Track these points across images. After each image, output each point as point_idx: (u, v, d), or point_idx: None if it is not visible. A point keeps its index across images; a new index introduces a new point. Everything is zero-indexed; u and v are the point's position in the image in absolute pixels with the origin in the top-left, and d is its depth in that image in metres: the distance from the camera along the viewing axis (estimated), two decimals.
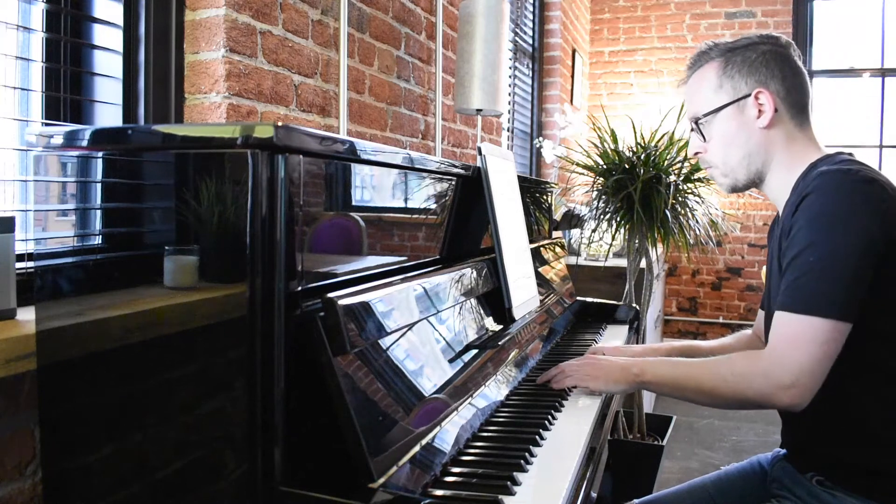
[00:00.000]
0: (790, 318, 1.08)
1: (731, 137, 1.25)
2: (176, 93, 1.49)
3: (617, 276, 3.07)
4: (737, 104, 1.23)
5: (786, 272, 1.11)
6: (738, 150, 1.25)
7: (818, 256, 1.06)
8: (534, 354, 1.54)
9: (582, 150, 2.58)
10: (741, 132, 1.24)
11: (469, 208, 1.45)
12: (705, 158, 1.31)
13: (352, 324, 0.86)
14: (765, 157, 1.24)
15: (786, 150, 1.23)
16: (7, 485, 1.00)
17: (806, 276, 1.07)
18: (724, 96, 1.25)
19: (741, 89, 1.23)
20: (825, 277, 1.06)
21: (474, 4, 2.32)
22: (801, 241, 1.09)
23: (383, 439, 0.84)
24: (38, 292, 0.95)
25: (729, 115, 1.24)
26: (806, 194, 1.11)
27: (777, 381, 1.07)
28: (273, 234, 0.78)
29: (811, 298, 1.06)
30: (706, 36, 5.09)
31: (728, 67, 1.24)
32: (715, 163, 1.29)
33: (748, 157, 1.25)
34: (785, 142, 1.23)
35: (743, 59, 1.23)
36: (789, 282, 1.09)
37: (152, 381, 0.86)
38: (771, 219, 5.21)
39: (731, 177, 1.28)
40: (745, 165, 1.25)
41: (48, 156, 0.96)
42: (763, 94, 1.21)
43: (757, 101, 1.22)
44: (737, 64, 1.24)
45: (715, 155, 1.28)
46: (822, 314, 1.05)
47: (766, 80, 1.22)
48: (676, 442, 3.35)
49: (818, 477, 1.18)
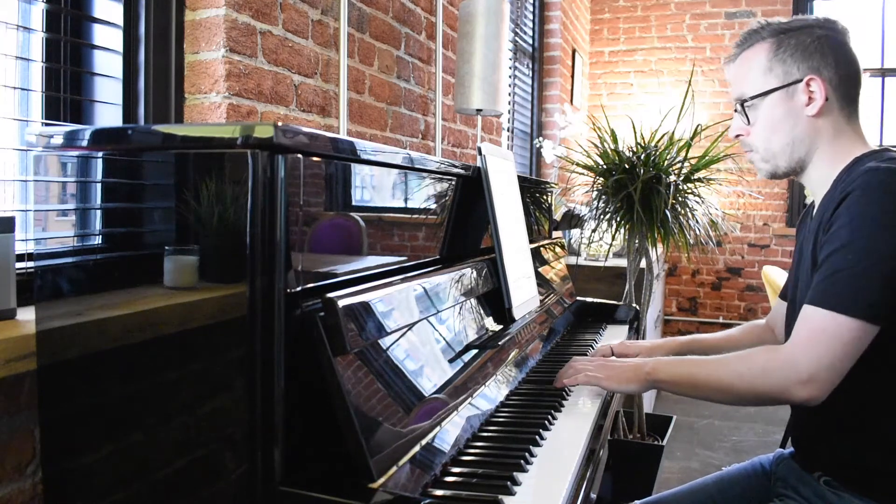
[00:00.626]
0: (818, 313, 1.06)
1: (777, 123, 1.21)
2: (176, 93, 1.49)
3: (617, 276, 3.07)
4: (786, 89, 1.19)
5: (821, 267, 1.09)
6: (783, 137, 1.21)
7: (856, 256, 1.04)
8: (534, 354, 1.54)
9: (582, 150, 2.58)
10: (788, 118, 1.20)
11: (469, 208, 1.45)
12: (746, 141, 1.27)
13: (352, 324, 0.86)
14: (809, 147, 1.21)
15: (831, 141, 1.20)
16: (7, 485, 1.00)
17: (841, 273, 1.05)
18: (773, 80, 1.20)
19: (792, 74, 1.19)
20: (860, 277, 1.04)
21: (474, 4, 2.32)
22: (841, 238, 1.06)
23: (383, 439, 0.84)
24: (38, 292, 0.95)
25: (777, 100, 1.20)
26: (850, 191, 1.08)
27: (795, 374, 1.06)
28: (273, 234, 0.78)
29: (843, 296, 1.04)
30: (706, 36, 5.09)
31: (780, 50, 1.20)
32: (756, 147, 1.25)
33: (792, 145, 1.21)
34: (831, 133, 1.19)
35: (797, 42, 1.19)
36: (823, 277, 1.07)
37: (152, 381, 0.86)
38: (771, 219, 5.16)
39: (771, 163, 1.25)
40: (787, 153, 1.22)
41: (48, 156, 0.96)
42: (815, 82, 1.17)
43: (808, 88, 1.18)
44: (790, 47, 1.19)
45: (757, 139, 1.24)
46: (852, 313, 1.03)
47: (819, 67, 1.17)
48: (676, 442, 3.35)
49: (826, 477, 1.17)
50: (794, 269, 1.29)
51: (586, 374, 1.28)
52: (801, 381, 1.05)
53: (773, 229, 5.01)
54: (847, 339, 1.04)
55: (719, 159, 2.47)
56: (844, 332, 1.04)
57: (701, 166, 2.43)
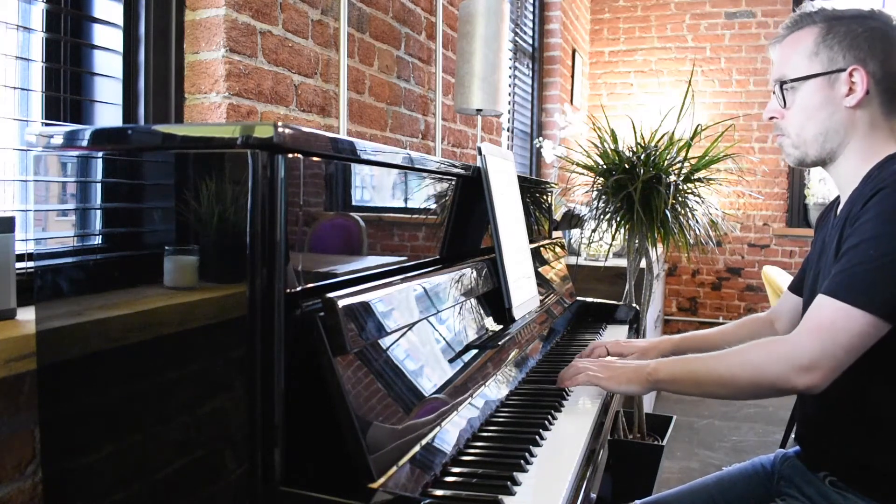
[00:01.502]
0: (831, 303, 1.05)
1: (814, 110, 1.19)
2: (176, 93, 1.49)
3: (617, 276, 3.07)
4: (828, 77, 1.17)
5: (841, 259, 1.08)
6: (817, 125, 1.19)
7: (878, 251, 1.03)
8: (534, 354, 1.54)
9: (582, 150, 2.58)
10: (825, 107, 1.18)
11: (469, 208, 1.45)
12: (780, 125, 1.25)
13: (352, 324, 0.86)
14: (842, 138, 1.19)
15: (866, 136, 1.17)
16: (7, 485, 1.00)
17: (861, 266, 1.04)
18: (817, 65, 1.18)
19: (837, 62, 1.16)
20: (880, 273, 1.03)
21: (474, 4, 2.32)
22: (866, 233, 1.05)
23: (383, 439, 0.84)
24: (38, 292, 0.95)
25: (817, 86, 1.18)
26: (882, 188, 1.07)
27: (797, 361, 1.05)
28: (273, 234, 0.78)
29: (859, 290, 1.03)
30: (706, 36, 5.09)
31: (829, 36, 1.17)
32: (789, 131, 1.23)
33: (825, 134, 1.19)
34: (867, 127, 1.17)
35: (847, 30, 1.16)
36: (841, 268, 1.06)
37: (152, 381, 0.86)
38: (771, 219, 5.16)
39: (801, 149, 1.23)
40: (819, 142, 1.20)
41: (48, 156, 0.96)
42: (858, 72, 1.15)
43: (850, 79, 1.15)
44: (839, 34, 1.17)
45: (791, 123, 1.22)
46: (865, 308, 1.02)
47: (865, 58, 1.15)
48: (676, 442, 3.35)
49: (831, 477, 1.17)
50: (813, 262, 1.28)
51: (587, 374, 1.27)
52: (803, 367, 1.04)
53: (773, 229, 5.01)
54: (855, 333, 1.03)
55: (719, 159, 2.47)
56: (854, 326, 1.03)
57: (701, 166, 2.43)
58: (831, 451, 1.19)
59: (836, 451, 1.18)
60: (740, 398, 1.18)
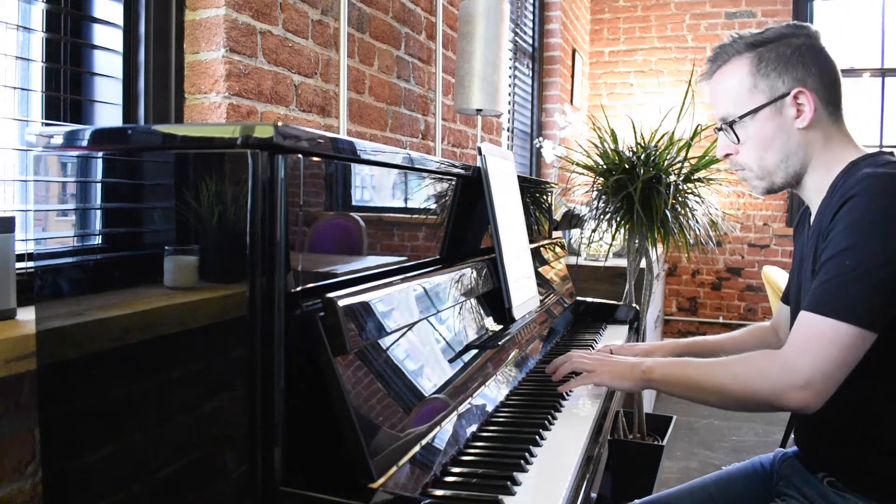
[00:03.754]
0: (815, 319, 1.05)
1: (769, 140, 1.19)
2: (176, 93, 1.49)
3: (617, 276, 3.07)
4: (774, 105, 1.17)
5: (819, 273, 1.08)
6: (776, 153, 1.19)
7: (854, 261, 1.03)
8: (534, 354, 1.54)
9: (582, 150, 2.58)
10: (780, 134, 1.18)
11: (469, 208, 1.45)
12: (737, 161, 1.25)
13: (352, 324, 0.86)
14: (803, 158, 1.19)
15: (824, 149, 1.18)
16: (7, 485, 1.00)
17: (838, 279, 1.04)
18: (760, 97, 1.18)
19: (778, 88, 1.17)
20: (858, 283, 1.02)
21: (474, 4, 2.32)
22: (839, 244, 1.05)
23: (383, 439, 0.84)
24: (38, 292, 0.95)
25: (766, 117, 1.18)
26: (849, 197, 1.07)
27: (790, 380, 1.05)
28: (273, 234, 0.78)
29: (840, 303, 1.03)
30: (706, 36, 5.09)
31: (762, 65, 1.18)
32: (749, 165, 1.23)
33: (786, 160, 1.19)
34: (823, 141, 1.18)
35: (777, 54, 1.17)
36: (820, 283, 1.06)
37: (152, 381, 0.86)
38: (771, 219, 5.15)
39: (767, 180, 1.23)
40: (783, 168, 1.20)
41: (48, 156, 0.96)
42: (803, 94, 1.15)
43: (796, 101, 1.16)
44: (771, 60, 1.17)
45: (749, 157, 1.22)
46: (849, 320, 1.02)
47: (803, 78, 1.16)
48: (676, 442, 3.35)
49: (829, 478, 1.17)
50: (795, 272, 1.29)
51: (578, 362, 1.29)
52: (798, 387, 1.04)
53: (773, 229, 5.01)
54: (844, 346, 1.03)
55: (719, 159, 2.46)
56: (841, 339, 1.03)
57: (701, 166, 2.43)
58: (830, 452, 1.19)
59: (834, 452, 1.18)
60: (732, 409, 1.18)
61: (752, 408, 1.13)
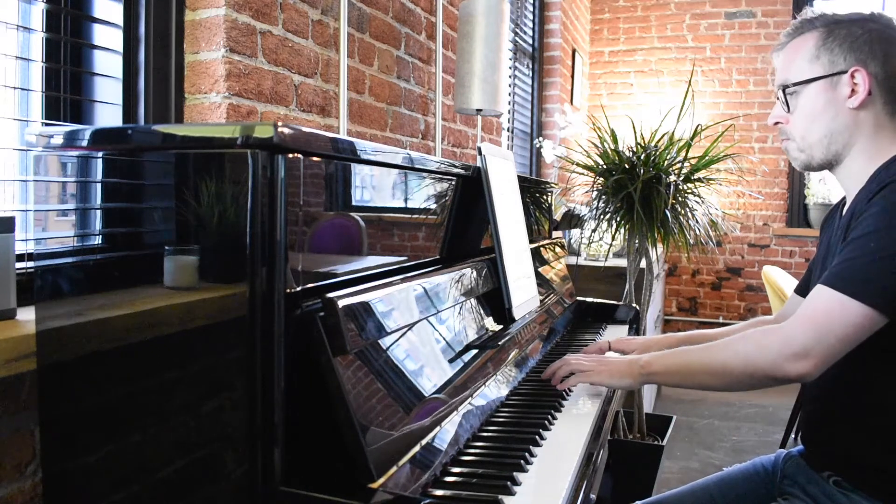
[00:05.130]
0: (828, 293, 1.05)
1: (817, 113, 1.19)
2: (176, 93, 1.49)
3: (617, 276, 3.07)
4: (830, 79, 1.18)
5: (843, 250, 1.08)
6: (821, 128, 1.20)
7: (878, 244, 1.03)
8: (534, 354, 1.54)
9: (582, 150, 2.58)
10: (829, 109, 1.18)
11: (469, 208, 1.45)
12: (785, 129, 1.25)
13: (352, 324, 0.86)
14: (847, 140, 1.19)
15: (871, 136, 1.18)
16: (7, 485, 1.00)
17: (860, 259, 1.04)
18: (818, 68, 1.19)
19: (838, 64, 1.17)
20: (878, 265, 1.03)
21: (474, 4, 2.32)
22: (868, 226, 1.06)
23: (383, 439, 0.84)
24: (38, 292, 0.95)
25: (819, 89, 1.19)
26: (887, 183, 1.07)
27: (789, 348, 1.05)
28: (273, 234, 0.78)
29: (855, 281, 1.03)
30: (706, 36, 5.09)
31: (829, 39, 1.18)
32: (794, 135, 1.24)
33: (829, 136, 1.20)
34: (872, 128, 1.18)
35: (847, 33, 1.17)
36: (841, 260, 1.07)
37: (152, 381, 0.86)
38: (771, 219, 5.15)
39: (807, 153, 1.23)
40: (825, 144, 1.20)
41: (48, 156, 0.96)
42: (860, 73, 1.15)
43: (852, 80, 1.16)
44: (839, 37, 1.17)
45: (796, 127, 1.23)
46: (861, 299, 1.02)
47: (866, 60, 1.16)
48: (676, 442, 3.35)
49: (835, 477, 1.17)
50: (819, 263, 1.28)
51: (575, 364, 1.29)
52: (795, 355, 1.05)
53: (773, 229, 5.00)
54: (850, 323, 1.03)
55: (719, 159, 2.47)
56: (849, 317, 1.03)
57: (701, 166, 2.43)
58: (835, 451, 1.19)
59: (839, 451, 1.18)
60: (734, 389, 1.18)
61: (754, 383, 1.12)
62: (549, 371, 1.34)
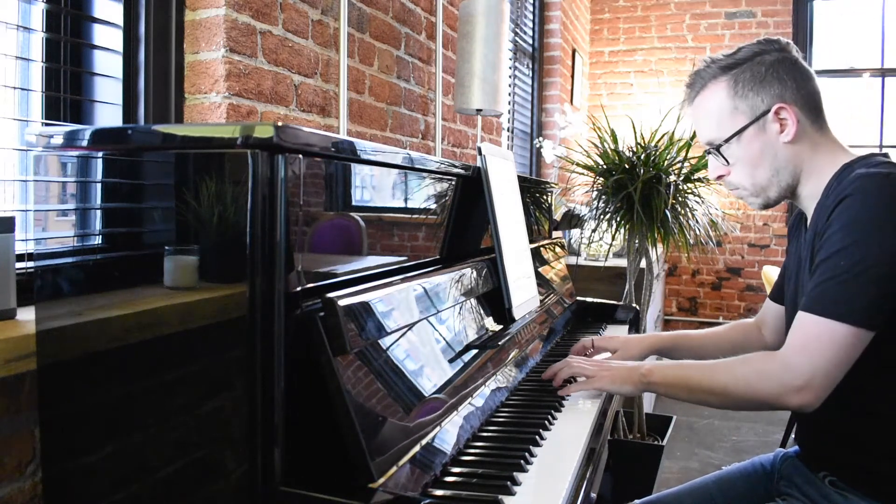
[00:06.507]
0: (812, 319, 1.06)
1: (757, 158, 1.20)
2: (176, 93, 1.49)
3: (617, 276, 3.07)
4: (757, 123, 1.19)
5: (814, 273, 1.09)
6: (767, 169, 1.20)
7: (850, 261, 1.04)
8: (534, 354, 1.54)
9: (582, 150, 2.58)
10: (767, 151, 1.19)
11: (469, 208, 1.45)
12: (730, 181, 1.26)
13: (352, 324, 0.86)
14: (793, 171, 1.20)
15: (813, 158, 1.19)
16: (7, 485, 1.00)
17: (834, 279, 1.05)
18: (741, 117, 1.20)
19: (759, 107, 1.18)
20: (854, 283, 1.03)
21: (474, 4, 2.32)
22: (834, 245, 1.06)
23: (383, 439, 0.84)
24: (38, 292, 0.95)
25: (751, 136, 1.19)
26: (844, 197, 1.07)
27: (790, 381, 1.06)
28: (273, 235, 0.78)
29: (836, 303, 1.04)
30: (706, 36, 5.09)
31: (738, 86, 1.19)
32: (743, 184, 1.24)
33: (777, 174, 1.20)
34: (811, 151, 1.19)
35: (752, 74, 1.19)
36: (816, 283, 1.07)
37: (152, 381, 0.86)
38: (771, 219, 5.15)
39: (762, 196, 1.24)
40: (776, 182, 1.21)
41: (48, 156, 0.96)
42: (784, 109, 1.17)
43: (777, 117, 1.17)
44: (747, 81, 1.19)
45: (741, 178, 1.24)
46: (846, 320, 1.03)
47: (781, 93, 1.17)
48: (676, 442, 3.35)
49: (831, 477, 1.17)
50: (792, 274, 1.29)
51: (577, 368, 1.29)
52: (797, 388, 1.05)
53: (773, 229, 5.01)
54: (841, 346, 1.04)
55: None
56: (839, 339, 1.04)
57: (701, 166, 2.43)
58: (831, 452, 1.19)
59: (836, 452, 1.18)
60: (732, 409, 1.20)
61: (753, 408, 1.14)
62: (550, 372, 1.34)
